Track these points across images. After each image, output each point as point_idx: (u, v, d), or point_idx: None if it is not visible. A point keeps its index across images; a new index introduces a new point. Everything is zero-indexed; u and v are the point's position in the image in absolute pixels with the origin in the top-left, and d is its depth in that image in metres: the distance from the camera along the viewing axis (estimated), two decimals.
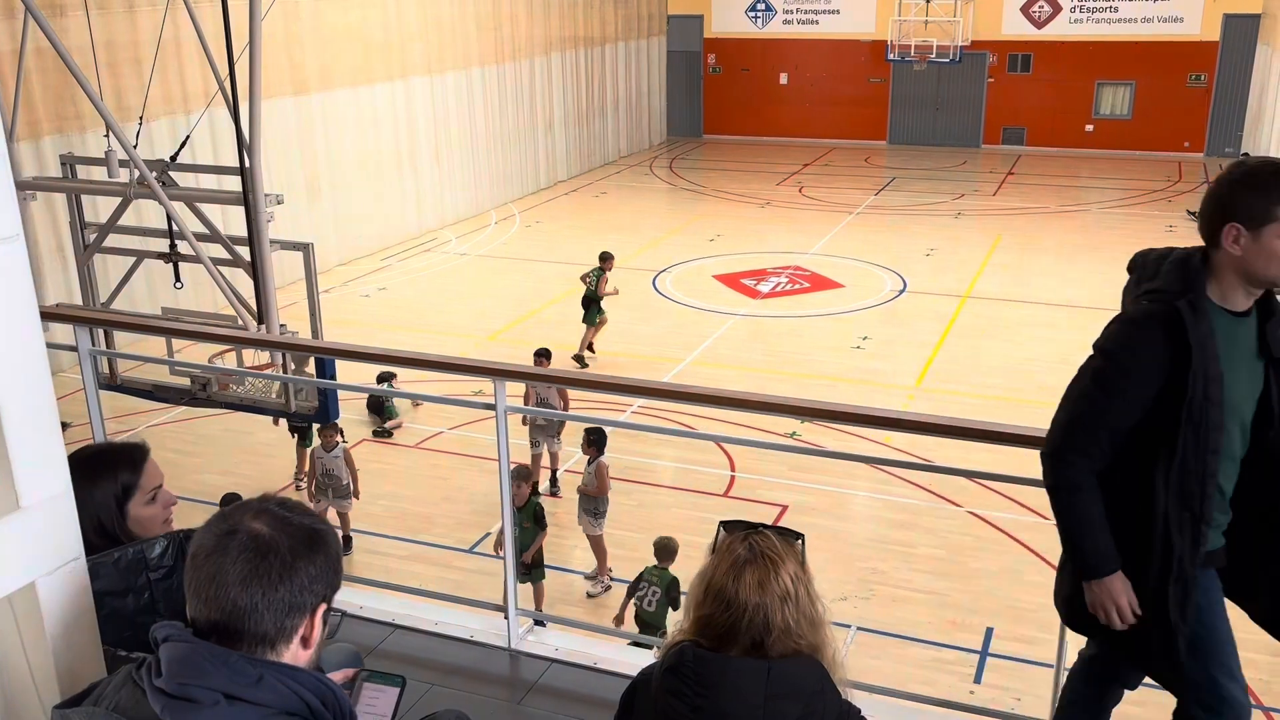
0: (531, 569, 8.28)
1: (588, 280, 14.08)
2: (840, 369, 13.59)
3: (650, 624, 7.61)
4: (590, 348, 13.95)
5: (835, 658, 2.16)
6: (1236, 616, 3.25)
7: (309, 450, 10.13)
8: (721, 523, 2.28)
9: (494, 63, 22.23)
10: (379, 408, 12.13)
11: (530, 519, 8.18)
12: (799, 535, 2.25)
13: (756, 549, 2.15)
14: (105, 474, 2.63)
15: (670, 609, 7.64)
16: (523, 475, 8.27)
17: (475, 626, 4.40)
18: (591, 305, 13.94)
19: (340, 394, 9.38)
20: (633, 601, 7.79)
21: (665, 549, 7.82)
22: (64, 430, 3.25)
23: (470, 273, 18.33)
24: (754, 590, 2.10)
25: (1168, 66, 26.64)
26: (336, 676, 2.02)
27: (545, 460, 10.67)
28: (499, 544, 8.40)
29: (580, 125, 26.09)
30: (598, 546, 9.03)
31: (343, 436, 9.48)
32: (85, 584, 2.23)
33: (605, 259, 14.18)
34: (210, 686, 1.67)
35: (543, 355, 11.27)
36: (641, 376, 12.54)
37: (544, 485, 10.50)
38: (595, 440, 8.99)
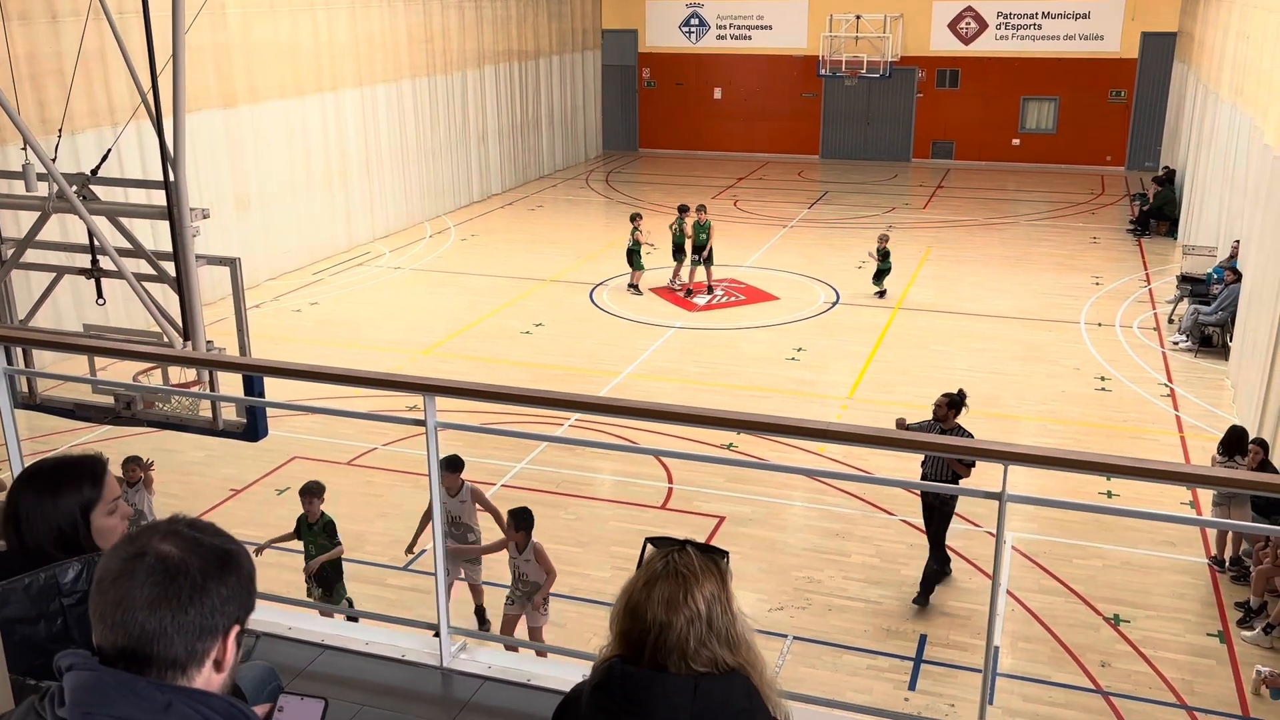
0: (331, 586, 8.19)
1: (685, 230, 17.28)
2: (775, 380, 13.69)
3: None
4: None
5: (765, 677, 2.14)
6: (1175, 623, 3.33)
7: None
8: (648, 539, 2.27)
9: (425, 75, 22.11)
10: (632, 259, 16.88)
11: (323, 534, 8.17)
12: (724, 553, 2.23)
13: (671, 566, 2.13)
14: (68, 486, 2.66)
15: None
16: (313, 491, 8.23)
17: (407, 645, 4.34)
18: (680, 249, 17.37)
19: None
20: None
21: None
22: None
23: (404, 287, 18.17)
24: (661, 607, 2.07)
25: (1090, 82, 27.34)
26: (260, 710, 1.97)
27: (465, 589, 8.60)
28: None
29: (515, 138, 26.04)
30: (538, 637, 7.78)
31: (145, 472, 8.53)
32: None
33: (684, 210, 17.50)
34: (115, 715, 1.62)
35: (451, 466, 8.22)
36: (579, 389, 12.54)
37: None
38: (524, 524, 7.63)
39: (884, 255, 17.14)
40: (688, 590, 2.08)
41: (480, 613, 8.52)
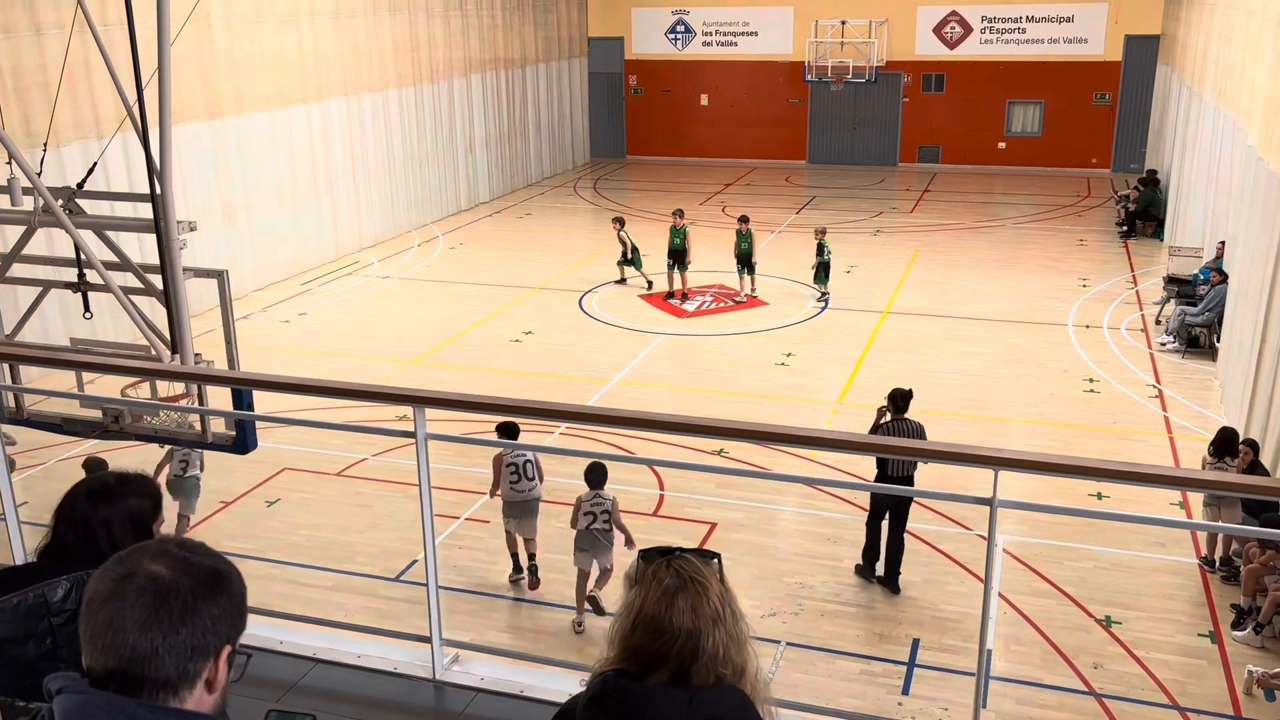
0: None
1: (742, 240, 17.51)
2: (765, 386, 13.70)
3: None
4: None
5: (758, 675, 2.15)
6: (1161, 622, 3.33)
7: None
8: (641, 552, 2.26)
9: (411, 84, 22.10)
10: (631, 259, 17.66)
11: None
12: (714, 555, 2.23)
13: (684, 574, 2.13)
14: (135, 495, 2.76)
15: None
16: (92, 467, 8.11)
17: (399, 658, 4.33)
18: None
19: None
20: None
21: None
22: None
23: (393, 296, 18.14)
24: (688, 616, 2.07)
25: (1074, 85, 27.48)
26: None
27: (519, 544, 9.32)
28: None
29: (502, 147, 26.04)
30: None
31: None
32: None
33: (745, 220, 17.75)
34: None
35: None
36: (568, 397, 12.52)
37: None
38: (588, 478, 8.82)
39: (820, 249, 17.10)
40: (706, 595, 2.09)
41: (532, 565, 9.27)
